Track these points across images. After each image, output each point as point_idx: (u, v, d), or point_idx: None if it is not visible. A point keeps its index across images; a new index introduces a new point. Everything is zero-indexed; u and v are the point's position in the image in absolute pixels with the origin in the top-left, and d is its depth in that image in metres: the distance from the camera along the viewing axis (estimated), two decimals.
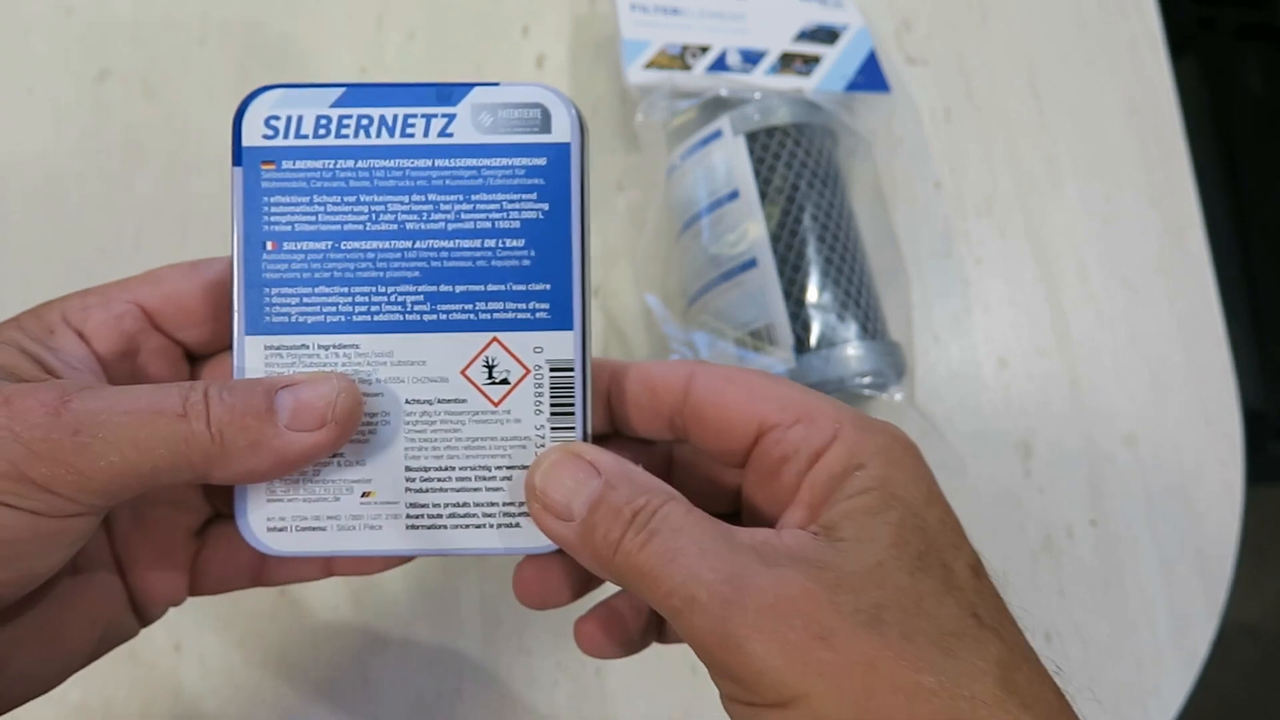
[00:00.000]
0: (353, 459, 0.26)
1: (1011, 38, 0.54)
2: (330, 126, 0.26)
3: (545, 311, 0.26)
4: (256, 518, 0.26)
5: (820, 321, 0.41)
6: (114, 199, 0.47)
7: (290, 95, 0.26)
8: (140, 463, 0.21)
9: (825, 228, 0.42)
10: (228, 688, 0.40)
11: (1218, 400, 0.49)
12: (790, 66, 0.49)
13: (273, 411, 0.23)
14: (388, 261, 0.26)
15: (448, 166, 0.26)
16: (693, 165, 0.45)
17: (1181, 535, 0.46)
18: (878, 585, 0.21)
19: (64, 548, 0.22)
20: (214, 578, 0.27)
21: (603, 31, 0.52)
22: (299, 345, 0.25)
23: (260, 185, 0.25)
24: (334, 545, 0.26)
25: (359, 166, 0.26)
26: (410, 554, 0.26)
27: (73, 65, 0.49)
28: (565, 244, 0.26)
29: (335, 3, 0.51)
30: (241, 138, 0.25)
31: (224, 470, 0.23)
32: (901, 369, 0.42)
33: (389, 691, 0.41)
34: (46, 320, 0.25)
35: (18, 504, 0.21)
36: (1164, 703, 0.43)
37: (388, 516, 0.26)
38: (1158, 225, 0.51)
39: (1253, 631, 1.05)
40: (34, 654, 0.24)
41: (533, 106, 0.26)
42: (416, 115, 0.26)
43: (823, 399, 0.25)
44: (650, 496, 0.23)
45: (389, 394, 0.26)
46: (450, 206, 0.26)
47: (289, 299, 0.25)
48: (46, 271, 0.46)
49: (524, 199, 0.26)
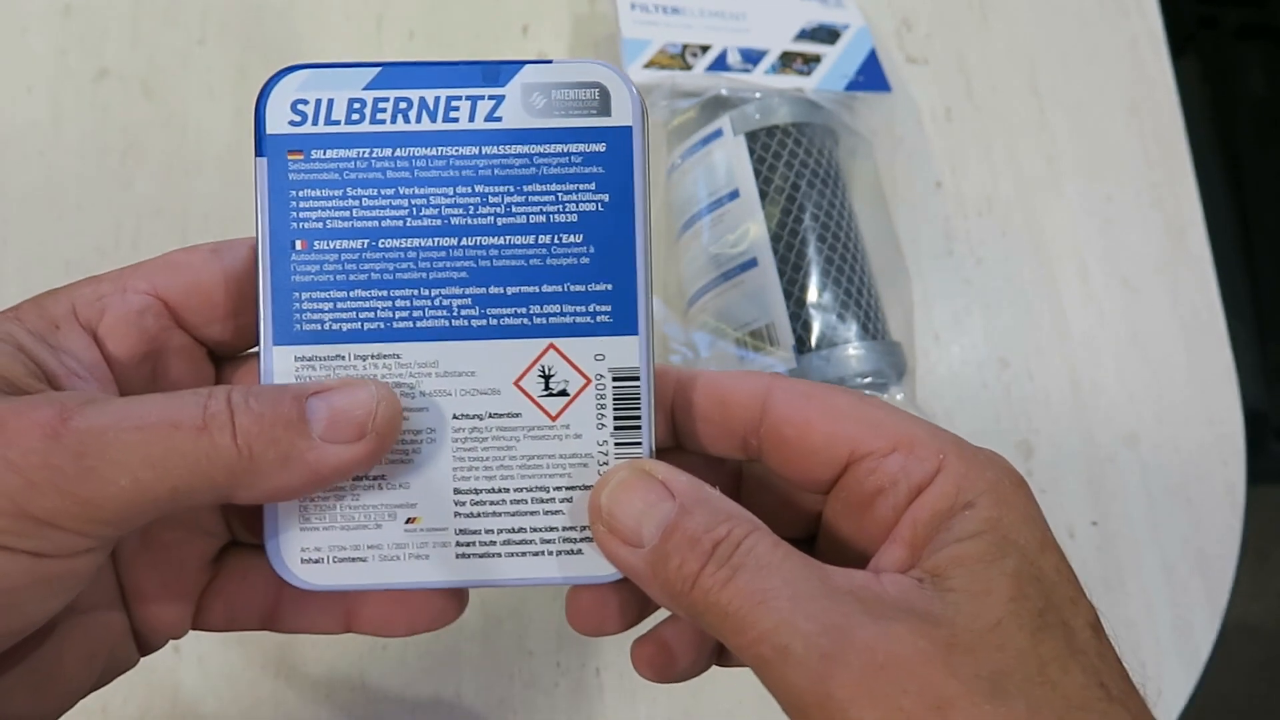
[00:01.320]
0: (395, 482, 0.23)
1: (1012, 37, 0.54)
2: (365, 111, 0.23)
3: (607, 315, 0.23)
4: (289, 548, 0.23)
5: (821, 321, 0.41)
6: (113, 198, 0.47)
7: (319, 76, 0.23)
8: (156, 486, 0.19)
9: (826, 227, 0.42)
10: (227, 689, 0.40)
11: (1219, 400, 0.48)
12: (791, 66, 0.49)
13: (305, 421, 0.20)
14: (431, 261, 0.23)
15: (496, 154, 0.23)
16: (693, 165, 0.45)
17: (1183, 535, 0.46)
18: (998, 648, 0.19)
19: (67, 590, 0.20)
20: (221, 614, 0.24)
21: (603, 31, 0.52)
22: (333, 356, 0.23)
23: (287, 177, 0.23)
24: (376, 578, 0.23)
25: (397, 155, 0.23)
26: (460, 585, 0.24)
27: (71, 64, 0.49)
28: (628, 239, 0.23)
29: (335, 2, 0.51)
30: (265, 124, 0.23)
31: (251, 488, 0.20)
32: (902, 369, 0.42)
33: (389, 692, 0.41)
34: (51, 313, 0.22)
35: (16, 545, 0.18)
36: (1166, 703, 0.43)
37: (435, 545, 0.23)
38: (1159, 225, 0.51)
39: (1254, 632, 1.05)
40: (28, 696, 0.21)
41: (591, 86, 0.23)
42: (461, 97, 0.23)
43: (919, 423, 0.22)
44: (733, 525, 0.20)
45: (434, 408, 0.23)
46: (500, 199, 0.23)
47: (321, 304, 0.23)
48: (45, 271, 0.46)
49: (582, 189, 0.23)
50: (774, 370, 0.41)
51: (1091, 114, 0.53)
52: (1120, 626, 0.44)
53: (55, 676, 0.22)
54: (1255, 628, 1.05)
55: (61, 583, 0.19)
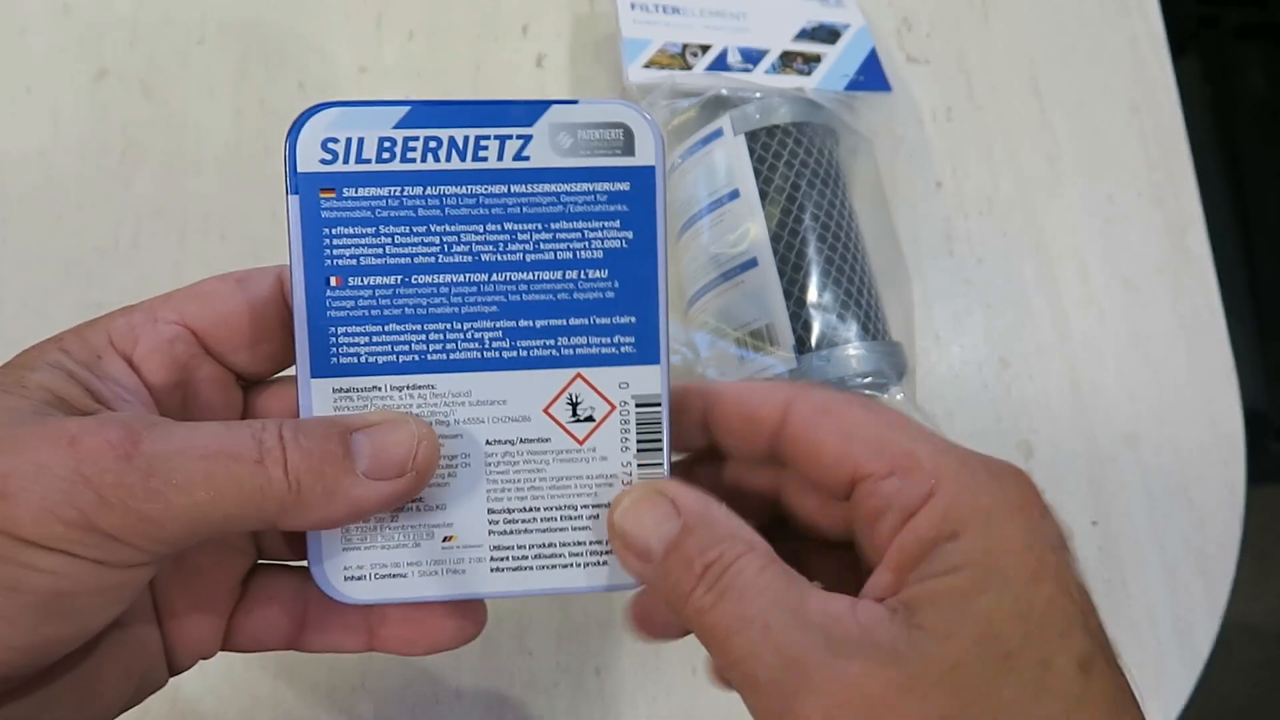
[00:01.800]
0: (432, 503, 0.24)
1: (1013, 37, 0.54)
2: (395, 150, 0.23)
3: (630, 345, 0.24)
4: (333, 567, 0.24)
5: (821, 321, 0.41)
6: (112, 198, 0.47)
7: (349, 115, 0.23)
8: (212, 511, 0.20)
9: (826, 227, 0.42)
10: (226, 689, 0.40)
11: (1219, 400, 0.48)
12: (791, 65, 0.49)
13: (350, 458, 0.21)
14: (463, 296, 0.24)
15: (525, 193, 0.24)
16: (693, 165, 0.44)
17: (1183, 535, 0.46)
18: (953, 690, 0.19)
19: (122, 600, 0.21)
20: (249, 636, 0.25)
21: (603, 30, 0.52)
22: (370, 387, 0.24)
23: (320, 215, 0.23)
24: (416, 591, 0.24)
25: (428, 193, 0.24)
26: (493, 597, 0.25)
27: (71, 64, 0.49)
28: (651, 274, 0.24)
29: (334, 2, 0.51)
30: (297, 163, 0.23)
31: (296, 519, 0.21)
32: (902, 369, 0.42)
33: (388, 693, 0.41)
34: (92, 343, 0.23)
35: (83, 554, 0.19)
36: (1166, 704, 0.43)
37: (471, 560, 0.24)
38: (1159, 224, 0.51)
39: (1255, 632, 1.05)
40: (69, 711, 0.22)
41: (615, 126, 0.24)
42: (489, 137, 0.24)
43: (925, 441, 0.23)
44: (725, 548, 0.21)
45: (468, 435, 0.24)
46: (529, 236, 0.24)
47: (357, 338, 0.24)
48: (45, 271, 0.46)
49: (607, 226, 0.24)
50: (774, 371, 0.41)
51: (1092, 114, 0.53)
52: (1120, 627, 0.44)
53: (96, 692, 0.22)
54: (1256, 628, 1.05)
55: (118, 592, 0.20)
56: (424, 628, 0.25)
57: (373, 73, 0.50)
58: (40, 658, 0.20)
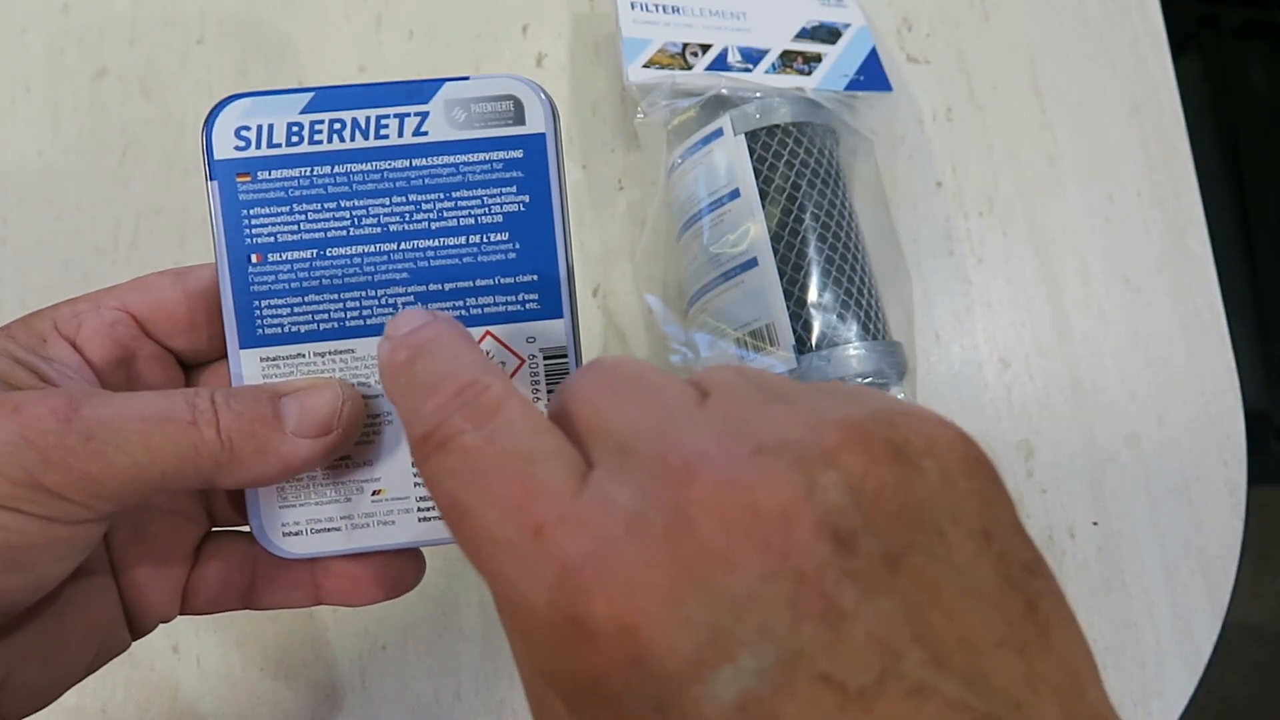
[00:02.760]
0: (360, 460, 0.26)
1: (1013, 36, 0.54)
2: (303, 133, 0.25)
3: (535, 302, 0.26)
4: (271, 524, 0.26)
5: (821, 321, 0.41)
6: (111, 198, 0.47)
7: (258, 104, 0.25)
8: (151, 468, 0.21)
9: (826, 227, 0.42)
10: (225, 689, 0.40)
11: (1220, 400, 0.48)
12: (791, 65, 0.49)
13: (279, 418, 0.23)
14: (375, 265, 0.25)
15: (425, 165, 0.26)
16: (693, 164, 0.44)
17: (1184, 536, 0.46)
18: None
19: (73, 554, 0.23)
20: (205, 597, 0.27)
21: (602, 30, 0.51)
22: (295, 355, 0.25)
23: (238, 198, 0.25)
24: (350, 543, 0.26)
25: (336, 172, 0.25)
26: (423, 545, 0.26)
27: (70, 64, 0.49)
28: (549, 234, 0.26)
29: (334, 1, 0.51)
30: (213, 151, 0.25)
31: (231, 476, 0.23)
32: (903, 369, 0.42)
33: (388, 694, 0.41)
34: (38, 329, 0.25)
35: (32, 510, 0.21)
36: (1167, 704, 0.43)
37: (399, 512, 0.26)
38: (1160, 224, 0.51)
39: (1256, 632, 1.05)
40: (36, 666, 0.24)
41: (505, 99, 0.26)
42: (389, 115, 0.25)
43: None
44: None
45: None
46: (432, 206, 0.26)
47: (280, 310, 0.25)
48: (44, 271, 0.46)
49: (504, 193, 0.26)
50: (774, 371, 0.41)
51: (1092, 113, 0.53)
52: (1121, 627, 0.44)
53: (59, 651, 0.24)
54: (1256, 628, 1.04)
55: (67, 546, 0.22)
56: (363, 578, 0.26)
57: (372, 72, 0.50)
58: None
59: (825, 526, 0.15)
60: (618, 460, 0.18)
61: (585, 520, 0.16)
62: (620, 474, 0.17)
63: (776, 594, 0.15)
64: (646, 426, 0.18)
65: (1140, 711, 0.43)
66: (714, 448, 0.17)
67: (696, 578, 0.15)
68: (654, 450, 0.17)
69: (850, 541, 0.15)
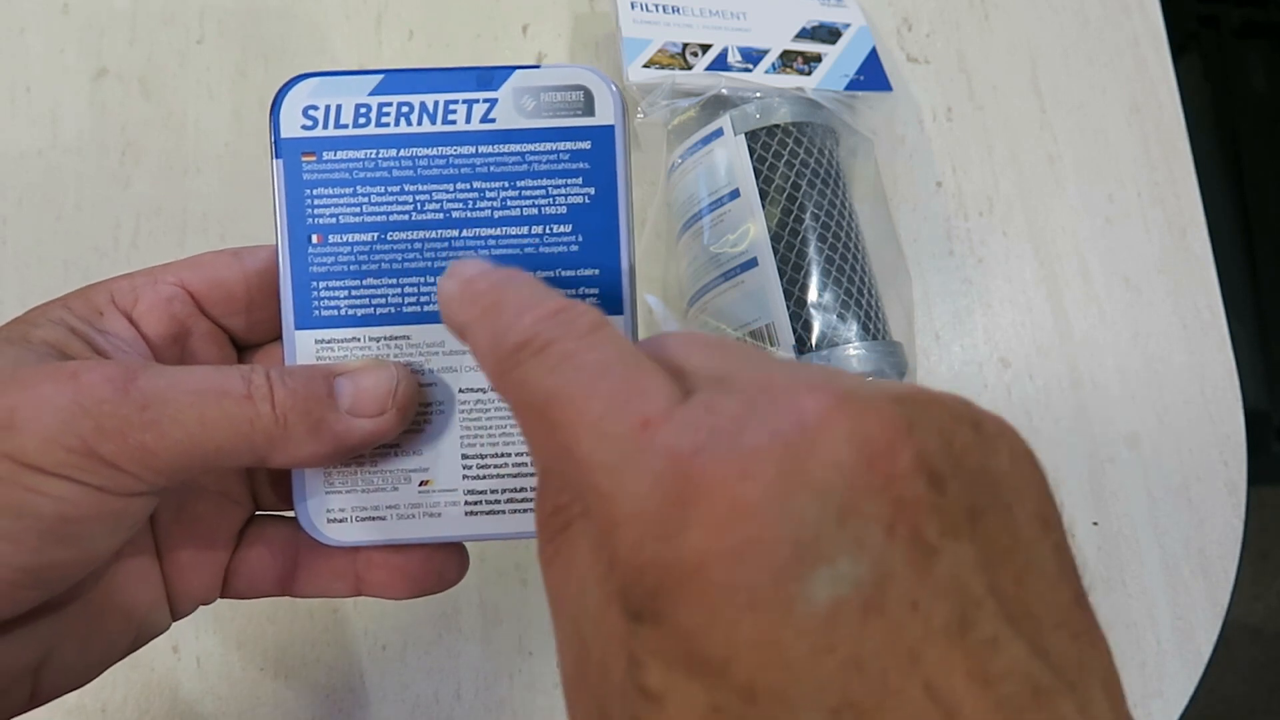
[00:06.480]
0: (409, 449, 0.25)
1: (1013, 36, 0.54)
2: (370, 115, 0.25)
3: (595, 297, 0.25)
4: (316, 509, 0.25)
5: (821, 321, 0.41)
6: (111, 198, 0.47)
7: (327, 83, 0.25)
8: (205, 441, 0.21)
9: (826, 227, 0.42)
10: (225, 690, 0.40)
11: (1220, 400, 0.48)
12: (791, 65, 0.49)
13: (334, 396, 0.23)
14: (435, 251, 0.25)
15: (492, 153, 0.25)
16: (693, 164, 0.44)
17: (1184, 536, 0.46)
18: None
19: (124, 528, 0.22)
20: (245, 581, 0.27)
21: (603, 30, 0.51)
22: (350, 338, 0.25)
23: (302, 177, 0.25)
24: (394, 534, 0.25)
25: (401, 155, 0.25)
26: (469, 539, 0.26)
27: (70, 63, 0.49)
28: (613, 228, 0.25)
29: (334, 1, 0.51)
30: (280, 129, 0.25)
31: (283, 453, 0.22)
32: (903, 369, 0.42)
33: (388, 694, 0.41)
34: (95, 302, 0.24)
35: (86, 480, 0.21)
36: (1167, 704, 0.43)
37: (446, 504, 0.25)
38: (1160, 224, 0.51)
39: (1256, 633, 1.05)
40: (77, 646, 0.23)
41: (575, 89, 0.25)
42: (458, 101, 0.25)
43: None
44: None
45: (441, 384, 0.25)
46: (496, 194, 0.25)
47: (337, 292, 0.25)
48: (44, 270, 0.46)
49: (569, 184, 0.25)
50: None
51: (1093, 113, 0.53)
52: (1121, 627, 0.44)
53: (102, 627, 0.24)
54: (1256, 628, 1.04)
55: (118, 519, 0.22)
56: (405, 571, 0.26)
57: None
58: (46, 583, 0.22)
59: (924, 463, 0.15)
60: (718, 385, 0.17)
61: (693, 420, 0.16)
62: (724, 393, 0.17)
63: (877, 512, 0.15)
64: (743, 366, 0.18)
65: (1140, 711, 0.43)
66: (816, 379, 0.16)
67: (806, 475, 0.15)
68: (756, 381, 0.17)
69: (941, 484, 0.15)
